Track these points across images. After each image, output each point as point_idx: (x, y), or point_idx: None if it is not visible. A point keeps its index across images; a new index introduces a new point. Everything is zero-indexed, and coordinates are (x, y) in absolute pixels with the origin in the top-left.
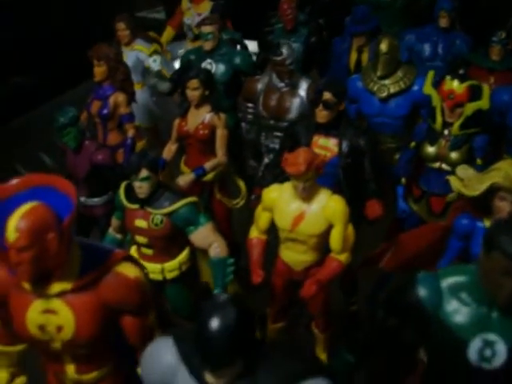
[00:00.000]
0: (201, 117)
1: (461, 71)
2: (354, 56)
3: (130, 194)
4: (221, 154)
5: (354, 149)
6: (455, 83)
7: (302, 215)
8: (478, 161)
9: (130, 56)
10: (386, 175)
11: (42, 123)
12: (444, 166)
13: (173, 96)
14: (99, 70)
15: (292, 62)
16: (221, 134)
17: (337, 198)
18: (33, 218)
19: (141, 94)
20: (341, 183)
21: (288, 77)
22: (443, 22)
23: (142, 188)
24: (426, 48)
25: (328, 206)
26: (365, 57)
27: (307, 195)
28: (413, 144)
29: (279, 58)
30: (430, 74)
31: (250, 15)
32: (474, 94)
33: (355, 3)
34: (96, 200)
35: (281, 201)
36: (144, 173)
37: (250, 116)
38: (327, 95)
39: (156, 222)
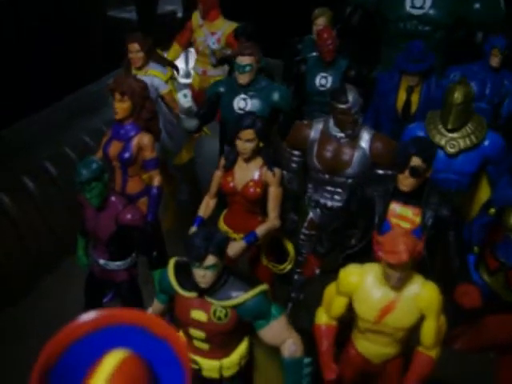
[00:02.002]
0: (251, 172)
1: None
2: (402, 96)
3: (184, 276)
4: (274, 217)
5: (438, 221)
6: None
7: (390, 306)
8: None
9: None
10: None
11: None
12: None
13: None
14: (122, 107)
15: (357, 111)
16: (275, 192)
17: (431, 286)
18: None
19: None
20: (424, 261)
21: (351, 127)
22: (495, 61)
23: (205, 277)
24: (473, 87)
25: (422, 296)
26: (415, 98)
27: (401, 285)
28: (492, 210)
29: (344, 107)
30: None
31: (274, 40)
32: None
33: (398, 34)
34: (118, 264)
35: (363, 287)
36: (211, 260)
37: (294, 165)
38: (416, 161)
39: (219, 315)
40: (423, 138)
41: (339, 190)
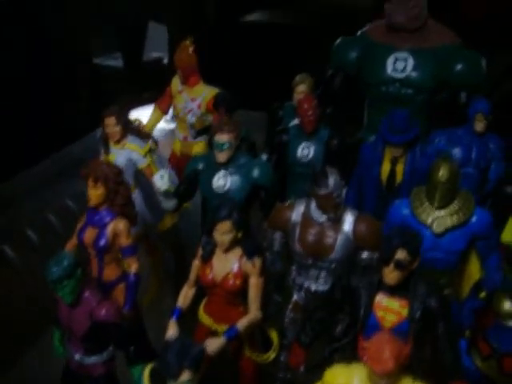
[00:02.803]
0: (230, 263)
1: None
2: (386, 167)
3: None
4: (255, 308)
5: (426, 312)
6: None
7: None
8: None
9: (120, 155)
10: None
11: None
12: None
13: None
14: (95, 193)
15: (339, 195)
16: (256, 283)
17: None
18: None
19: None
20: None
21: (333, 211)
22: (479, 126)
23: None
24: (458, 152)
25: None
26: (400, 168)
27: None
28: (483, 294)
29: (326, 191)
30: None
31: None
32: None
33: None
34: (95, 358)
35: None
36: (186, 376)
37: (277, 246)
38: (402, 254)
39: None
40: (408, 229)
41: (323, 273)
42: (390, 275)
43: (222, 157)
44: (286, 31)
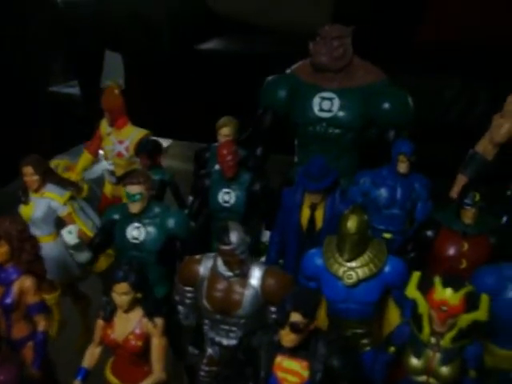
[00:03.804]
0: (131, 323)
1: (452, 279)
2: (306, 213)
3: None
4: (158, 369)
5: (329, 372)
6: (448, 292)
7: None
8: (472, 373)
9: (39, 204)
10: None
11: None
12: (432, 380)
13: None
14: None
15: (243, 251)
16: (158, 344)
17: None
18: None
19: (54, 246)
20: None
21: (238, 267)
22: (402, 168)
23: None
24: (383, 193)
25: None
26: (319, 214)
27: None
28: (392, 349)
29: (228, 248)
30: (415, 276)
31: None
32: (470, 303)
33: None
34: None
35: None
36: None
37: (188, 300)
38: (296, 316)
39: None
40: (305, 290)
41: (234, 328)
42: (287, 338)
43: (134, 208)
44: (244, 59)
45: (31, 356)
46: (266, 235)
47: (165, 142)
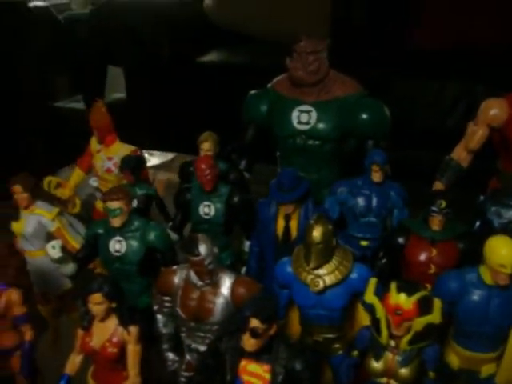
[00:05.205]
0: (107, 331)
1: (406, 285)
2: (281, 223)
3: None
4: (134, 375)
5: (291, 376)
6: (402, 297)
7: None
8: (431, 374)
9: (29, 220)
10: None
11: None
12: (392, 382)
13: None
14: None
15: (212, 261)
16: (133, 351)
17: None
18: None
19: (46, 260)
20: None
21: (208, 277)
22: (376, 177)
23: None
24: (360, 202)
25: None
26: (294, 224)
27: None
28: (355, 353)
29: (196, 259)
30: (372, 282)
31: None
32: (424, 307)
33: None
34: None
35: None
36: None
37: (166, 309)
38: (255, 322)
39: None
40: (263, 296)
41: (209, 335)
42: (247, 343)
43: (115, 222)
44: (245, 71)
45: (19, 364)
46: (247, 245)
47: (169, 155)
